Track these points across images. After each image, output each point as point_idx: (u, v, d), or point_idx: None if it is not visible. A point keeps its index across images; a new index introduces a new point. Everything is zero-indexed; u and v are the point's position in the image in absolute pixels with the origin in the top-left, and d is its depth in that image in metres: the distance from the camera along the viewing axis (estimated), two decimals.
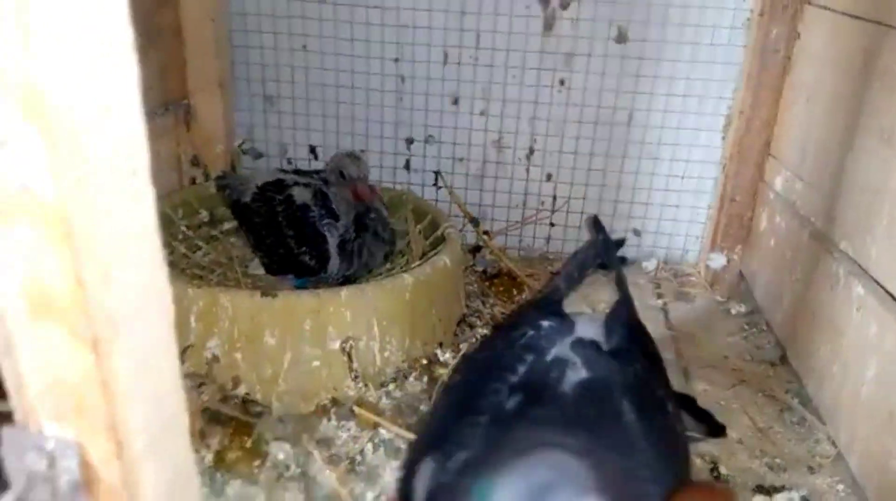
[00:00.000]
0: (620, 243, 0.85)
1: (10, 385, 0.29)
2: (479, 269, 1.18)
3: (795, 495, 0.71)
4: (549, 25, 1.11)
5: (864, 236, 0.76)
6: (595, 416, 0.55)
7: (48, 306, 0.26)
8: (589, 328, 0.65)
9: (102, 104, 0.25)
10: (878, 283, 0.73)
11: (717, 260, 1.15)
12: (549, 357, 0.60)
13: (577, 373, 0.58)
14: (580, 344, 0.62)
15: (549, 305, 0.70)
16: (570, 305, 0.67)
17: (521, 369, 0.59)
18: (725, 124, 1.13)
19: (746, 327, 1.05)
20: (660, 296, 1.13)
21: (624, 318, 0.70)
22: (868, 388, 0.73)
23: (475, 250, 1.22)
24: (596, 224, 0.93)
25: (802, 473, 0.75)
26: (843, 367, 0.78)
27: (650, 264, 1.22)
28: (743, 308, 1.09)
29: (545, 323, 0.64)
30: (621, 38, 1.11)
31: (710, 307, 1.11)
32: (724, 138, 1.13)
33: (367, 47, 1.14)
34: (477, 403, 0.58)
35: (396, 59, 1.15)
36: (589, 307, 1.03)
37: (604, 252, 0.80)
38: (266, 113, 1.22)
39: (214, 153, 1.18)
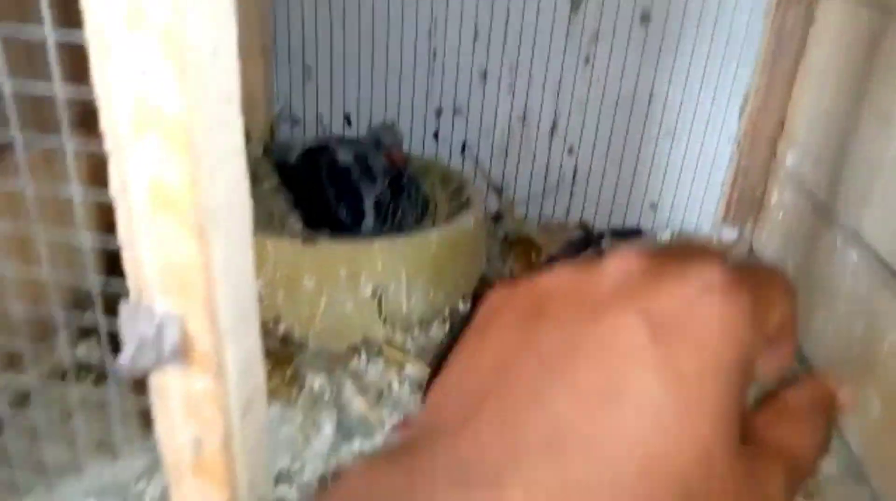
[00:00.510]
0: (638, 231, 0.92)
1: (128, 268, 0.36)
2: (501, 235, 1.26)
3: None
4: (576, 6, 1.16)
5: (861, 206, 0.82)
6: None
7: (166, 201, 0.34)
8: None
9: (213, 47, 0.32)
10: (870, 249, 0.79)
11: (729, 233, 1.21)
12: None
13: None
14: None
15: None
16: None
17: None
18: (742, 104, 1.18)
19: None
20: None
21: None
22: (856, 347, 0.79)
23: (497, 217, 1.29)
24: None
25: None
26: (836, 327, 0.84)
27: (665, 236, 1.28)
28: None
29: None
30: (644, 19, 1.16)
31: None
32: (739, 117, 1.19)
33: (402, 21, 1.21)
34: None
35: (429, 33, 1.21)
36: None
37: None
38: (304, 82, 1.29)
39: (255, 119, 1.26)
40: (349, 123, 1.30)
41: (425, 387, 0.66)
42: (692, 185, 1.26)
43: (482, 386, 0.21)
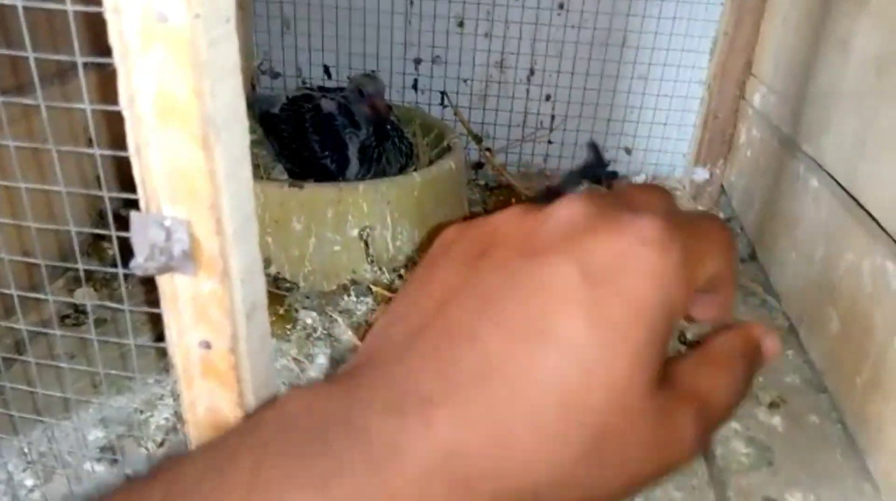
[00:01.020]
0: (613, 176, 0.96)
1: (137, 178, 0.39)
2: (482, 183, 1.29)
3: None
4: None
5: (821, 135, 0.86)
6: None
7: (172, 112, 0.37)
8: None
9: None
10: (830, 175, 0.83)
11: (701, 174, 1.25)
12: None
13: None
14: None
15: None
16: None
17: None
18: (712, 46, 1.21)
19: None
20: None
21: None
22: (816, 268, 0.84)
23: (478, 166, 1.32)
24: (593, 149, 1.03)
25: None
26: (799, 253, 0.89)
27: (639, 179, 1.32)
28: (721, 216, 1.20)
29: None
30: None
31: None
32: (710, 60, 1.22)
33: None
34: None
35: None
36: None
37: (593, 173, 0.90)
38: (283, 35, 1.30)
39: None
40: (329, 74, 1.32)
41: None
42: (664, 128, 1.30)
43: (422, 320, 0.23)
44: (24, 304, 0.65)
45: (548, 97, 1.30)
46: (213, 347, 0.44)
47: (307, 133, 1.03)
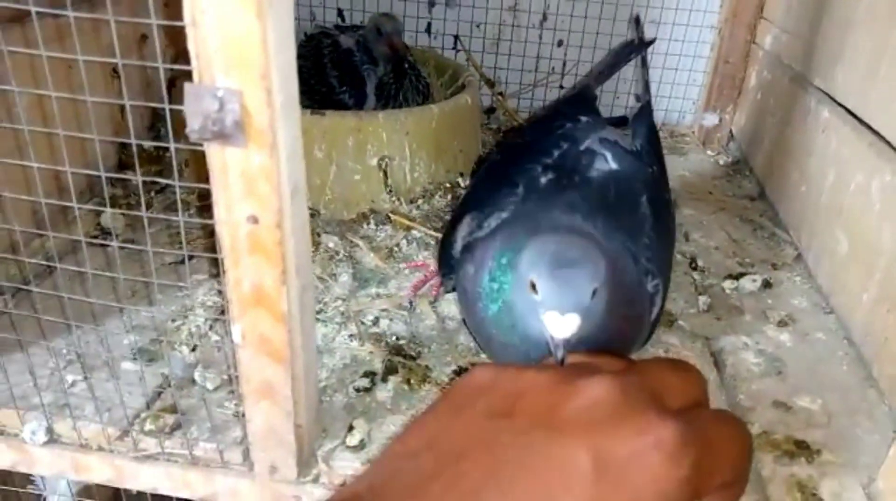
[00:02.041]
0: (651, 41, 0.97)
1: (192, 50, 0.41)
2: (493, 127, 1.31)
3: (759, 278, 0.85)
4: None
5: (833, 66, 0.88)
6: (615, 202, 0.66)
7: None
8: (613, 131, 0.76)
9: None
10: (840, 104, 0.85)
11: (710, 119, 1.27)
12: (581, 147, 0.69)
13: (605, 164, 0.68)
14: (606, 141, 0.72)
15: (587, 101, 0.80)
16: None
17: (556, 153, 0.69)
18: None
19: (731, 173, 1.18)
20: None
21: (647, 120, 0.80)
22: (825, 196, 0.86)
23: (490, 110, 1.34)
24: (636, 23, 1.04)
25: (766, 268, 0.89)
26: (808, 184, 0.91)
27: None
28: (730, 159, 1.22)
29: (583, 118, 0.74)
30: None
31: (701, 159, 1.23)
32: (721, 3, 1.23)
33: None
34: (514, 177, 0.67)
35: None
36: None
37: (638, 51, 0.91)
38: None
39: None
40: (342, 18, 1.33)
41: (438, 259, 0.73)
42: (675, 74, 1.31)
43: (436, 467, 0.23)
44: (54, 224, 0.68)
45: (560, 43, 1.31)
46: (260, 222, 0.46)
47: (325, 69, 1.05)
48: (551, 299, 0.48)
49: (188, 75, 0.42)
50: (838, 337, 0.77)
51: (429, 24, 1.31)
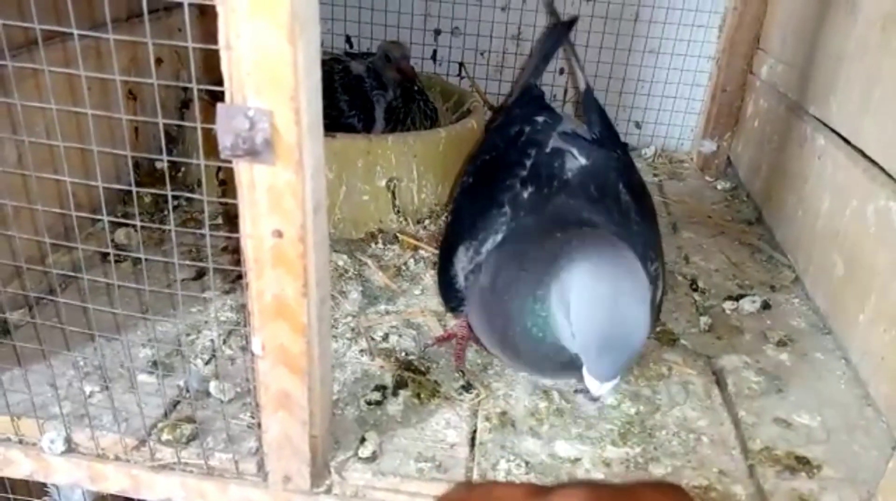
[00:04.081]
0: (573, 21, 0.99)
1: (225, 72, 0.44)
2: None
3: (758, 299, 0.87)
4: None
5: (827, 95, 0.91)
6: (599, 197, 0.68)
7: (262, 6, 0.41)
8: (568, 121, 0.77)
9: None
10: (835, 132, 0.88)
11: (708, 146, 1.30)
12: (548, 149, 0.69)
13: (575, 161, 0.68)
14: (567, 136, 0.71)
15: (535, 100, 0.81)
16: None
17: (528, 163, 0.69)
18: (721, 22, 1.26)
19: (729, 198, 1.20)
20: (655, 175, 1.28)
21: (596, 106, 0.81)
22: (822, 220, 0.88)
23: None
24: (551, 10, 1.04)
25: (766, 290, 0.91)
26: (805, 209, 0.94)
27: (649, 152, 1.36)
28: (728, 185, 1.25)
29: (539, 118, 0.75)
30: None
31: (699, 184, 1.26)
32: (719, 35, 1.27)
33: None
34: (497, 197, 0.67)
35: None
36: None
37: (562, 36, 0.92)
38: None
39: None
40: (350, 44, 1.36)
41: (442, 295, 0.74)
42: (674, 102, 1.34)
43: None
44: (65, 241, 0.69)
45: (562, 71, 1.34)
46: (284, 236, 0.48)
47: (336, 93, 1.08)
48: (596, 368, 0.53)
49: (201, 99, 0.44)
50: (836, 357, 0.78)
51: (434, 52, 1.35)
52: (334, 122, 1.09)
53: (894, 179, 0.73)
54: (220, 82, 0.43)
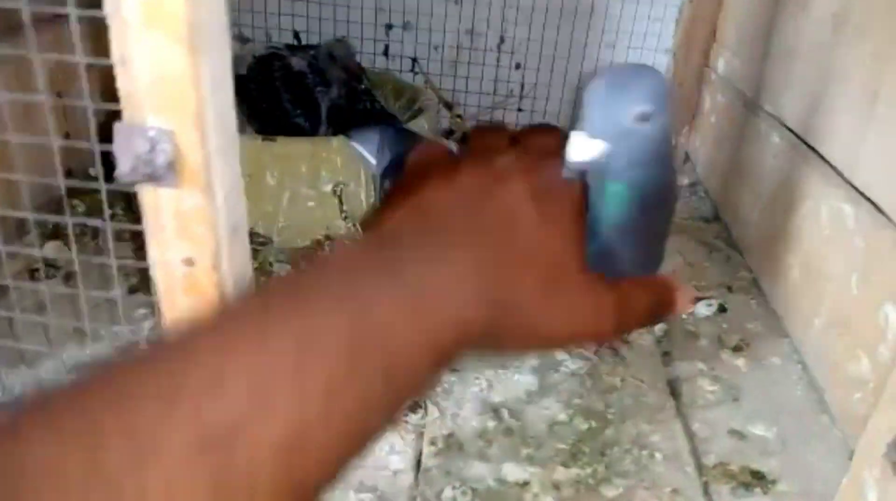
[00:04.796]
0: None
1: (122, 89, 0.39)
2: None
3: (714, 302, 0.85)
4: None
5: (782, 92, 0.90)
6: None
7: (158, 16, 0.37)
8: None
9: None
10: (790, 130, 0.86)
11: None
12: None
13: None
14: None
15: None
16: None
17: None
18: (678, 15, 1.24)
19: (687, 195, 1.19)
20: None
21: None
22: (777, 221, 0.87)
23: (448, 133, 1.33)
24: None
25: (722, 292, 0.90)
26: (760, 207, 0.92)
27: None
28: (685, 181, 1.23)
29: None
30: None
31: None
32: (675, 28, 1.25)
33: None
34: None
35: None
36: None
37: None
38: (252, 0, 1.29)
39: None
40: (299, 40, 1.31)
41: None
42: None
43: (441, 215, 0.31)
44: None
45: (518, 65, 1.31)
46: (196, 263, 0.44)
47: (278, 92, 1.03)
48: (585, 118, 0.41)
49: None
50: (792, 361, 0.77)
51: (386, 47, 1.31)
52: (278, 123, 1.04)
53: (847, 181, 0.71)
54: None
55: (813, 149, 0.79)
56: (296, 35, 1.31)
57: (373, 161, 0.76)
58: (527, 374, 0.71)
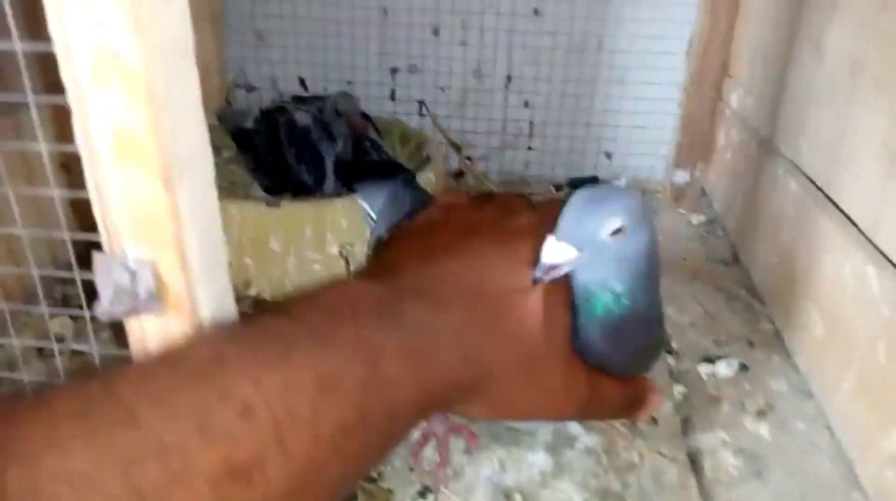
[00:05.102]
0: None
1: (98, 218, 0.38)
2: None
3: (735, 362, 0.82)
4: None
5: (798, 137, 0.86)
6: None
7: (130, 151, 0.35)
8: None
9: None
10: (809, 178, 0.83)
11: (681, 176, 1.25)
12: None
13: None
14: None
15: None
16: None
17: None
18: (687, 48, 1.21)
19: (705, 233, 1.16)
20: None
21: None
22: (799, 271, 0.83)
23: (458, 174, 1.31)
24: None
25: (743, 347, 0.86)
26: (780, 254, 0.89)
27: (621, 184, 1.31)
28: (703, 218, 1.20)
29: None
30: None
31: (674, 218, 1.21)
32: (686, 62, 1.22)
33: None
34: None
35: None
36: None
37: None
38: (256, 47, 1.29)
39: (210, 86, 1.25)
40: (305, 86, 1.30)
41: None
42: (644, 132, 1.29)
43: (441, 244, 0.38)
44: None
45: (526, 104, 1.29)
46: None
47: (282, 146, 1.02)
48: (559, 227, 0.40)
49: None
50: (819, 426, 0.74)
51: (393, 91, 1.29)
52: (283, 178, 1.03)
53: (870, 241, 0.68)
54: None
55: (834, 202, 0.76)
56: (301, 82, 1.30)
57: (374, 217, 0.75)
58: (539, 451, 0.68)
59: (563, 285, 0.38)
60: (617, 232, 0.39)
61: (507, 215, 0.41)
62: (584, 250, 0.39)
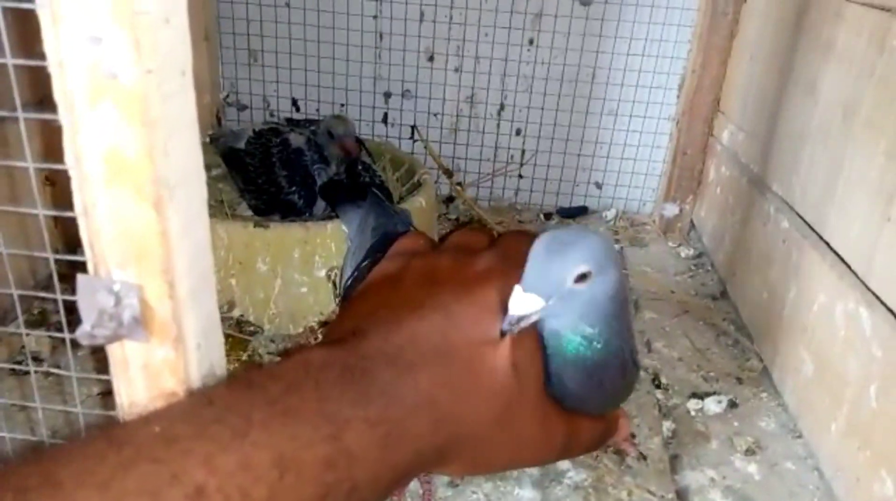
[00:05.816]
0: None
1: (85, 240, 0.37)
2: (453, 217, 1.28)
3: (724, 399, 0.81)
4: None
5: (791, 176, 0.87)
6: None
7: (122, 172, 0.34)
8: None
9: (164, 14, 0.33)
10: (800, 217, 0.83)
11: (670, 209, 1.25)
12: None
13: None
14: None
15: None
16: None
17: None
18: (680, 83, 1.22)
19: (693, 267, 1.16)
20: (617, 242, 1.23)
21: None
22: (788, 310, 0.83)
23: (449, 200, 1.31)
24: None
25: (732, 383, 0.86)
26: (770, 293, 0.89)
27: (610, 214, 1.32)
28: (691, 252, 1.20)
29: None
30: (585, 1, 1.19)
31: (662, 251, 1.21)
32: (678, 96, 1.23)
33: (347, 4, 1.21)
34: None
35: (375, 17, 1.22)
36: None
37: None
38: (250, 67, 1.28)
39: (201, 104, 1.24)
40: (297, 108, 1.30)
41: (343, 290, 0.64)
42: (634, 164, 1.30)
43: (406, 296, 0.37)
44: None
45: (518, 132, 1.29)
46: None
47: (274, 168, 1.01)
48: (525, 277, 0.39)
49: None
50: (808, 467, 0.73)
51: (385, 115, 1.29)
52: (273, 199, 1.02)
53: (862, 282, 0.68)
54: None
55: (825, 242, 0.76)
56: (294, 102, 1.30)
57: (351, 237, 0.73)
58: (527, 487, 0.67)
59: (532, 332, 0.38)
60: (583, 277, 0.39)
61: (468, 258, 0.39)
62: (551, 299, 0.38)
